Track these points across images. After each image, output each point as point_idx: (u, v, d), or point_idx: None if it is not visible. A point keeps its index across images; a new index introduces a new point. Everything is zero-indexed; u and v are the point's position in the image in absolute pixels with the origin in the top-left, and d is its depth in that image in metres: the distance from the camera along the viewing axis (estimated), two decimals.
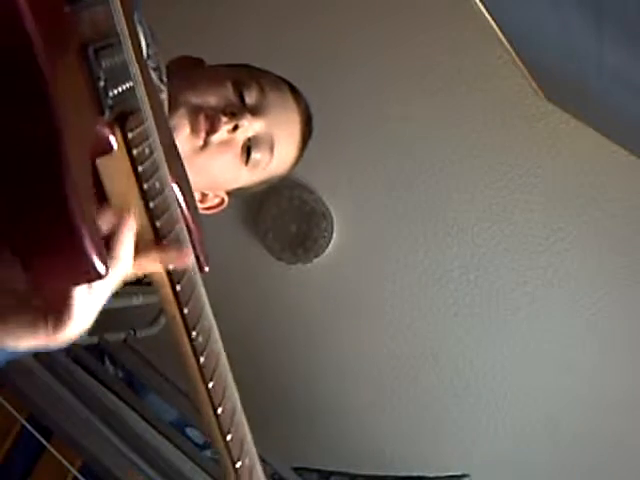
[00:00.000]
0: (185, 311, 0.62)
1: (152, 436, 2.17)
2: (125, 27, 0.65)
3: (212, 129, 1.10)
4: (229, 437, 0.63)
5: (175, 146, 0.79)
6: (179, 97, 1.10)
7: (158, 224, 0.61)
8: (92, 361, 2.41)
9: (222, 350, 0.68)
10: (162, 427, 2.23)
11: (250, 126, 1.13)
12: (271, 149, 1.16)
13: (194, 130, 1.09)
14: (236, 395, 0.67)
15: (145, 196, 0.61)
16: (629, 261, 2.38)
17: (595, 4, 1.11)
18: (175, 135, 1.07)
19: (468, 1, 1.80)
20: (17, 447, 2.30)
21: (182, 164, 0.79)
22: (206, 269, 0.73)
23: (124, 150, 0.61)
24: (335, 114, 2.53)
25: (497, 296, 2.52)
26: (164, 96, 1.05)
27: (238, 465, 0.64)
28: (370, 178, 2.58)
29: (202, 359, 0.62)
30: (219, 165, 1.13)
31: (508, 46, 2.01)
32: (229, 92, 1.14)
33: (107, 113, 0.59)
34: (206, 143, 1.10)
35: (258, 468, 0.68)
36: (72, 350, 2.41)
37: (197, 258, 0.70)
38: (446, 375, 2.61)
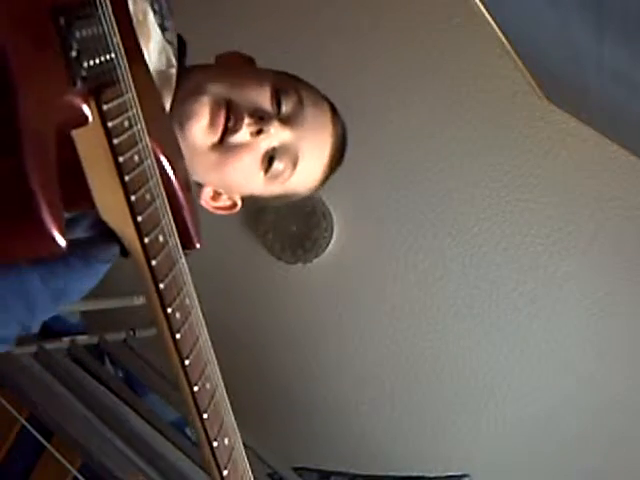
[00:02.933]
0: (161, 286, 0.61)
1: (152, 436, 2.17)
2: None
3: (233, 128, 1.05)
4: (205, 416, 0.62)
5: (170, 123, 0.77)
6: (207, 84, 1.06)
7: (133, 198, 0.60)
8: (92, 361, 2.41)
9: (203, 328, 0.67)
10: (162, 427, 2.23)
11: (276, 135, 1.08)
12: (294, 163, 1.11)
13: (212, 123, 1.05)
14: (218, 375, 0.66)
15: (120, 169, 0.60)
16: (629, 261, 2.38)
17: (595, 4, 1.11)
18: (189, 123, 1.03)
19: (468, 1, 1.80)
20: (17, 447, 2.30)
21: (177, 141, 0.77)
22: (197, 245, 0.71)
23: (99, 122, 0.60)
24: None
25: (497, 296, 2.52)
26: (173, 71, 1.02)
27: (215, 444, 0.63)
28: (370, 178, 2.58)
29: (178, 335, 0.61)
30: (234, 167, 1.08)
31: (508, 46, 2.01)
32: (265, 95, 1.09)
33: (79, 84, 0.58)
34: (222, 141, 1.06)
35: (239, 449, 0.66)
36: (72, 350, 2.41)
37: (185, 235, 0.69)
38: (446, 375, 2.61)
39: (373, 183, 2.59)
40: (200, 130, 1.05)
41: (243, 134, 1.06)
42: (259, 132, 1.06)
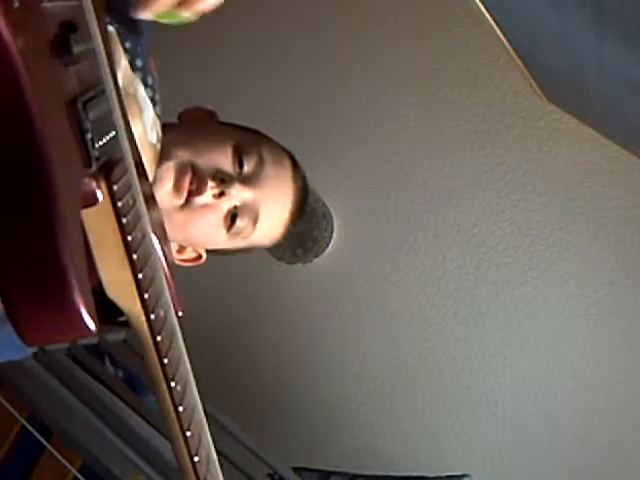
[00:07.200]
0: (165, 361, 0.63)
1: (152, 436, 2.17)
2: (110, 77, 0.65)
3: (197, 191, 1.09)
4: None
5: (152, 194, 0.79)
6: (172, 149, 1.09)
7: (140, 276, 0.62)
8: (92, 361, 2.41)
9: (196, 397, 0.69)
10: (162, 427, 2.23)
11: (238, 195, 1.12)
12: (254, 221, 1.16)
13: (176, 187, 1.08)
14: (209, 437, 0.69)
15: (129, 248, 0.61)
16: (629, 261, 2.38)
17: (595, 4, 1.11)
18: (156, 187, 1.06)
19: (468, 1, 1.80)
20: (17, 447, 2.30)
21: (158, 210, 0.79)
22: (180, 314, 0.73)
23: (109, 202, 0.61)
24: (335, 114, 2.53)
25: (497, 296, 2.52)
26: (159, 146, 1.04)
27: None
28: (370, 178, 2.59)
29: (181, 408, 0.64)
30: (198, 226, 1.13)
31: (508, 46, 2.01)
32: (227, 156, 1.13)
33: (94, 165, 0.59)
34: (187, 202, 1.09)
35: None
36: (72, 350, 2.41)
37: (173, 305, 0.71)
38: (446, 375, 2.61)
39: (373, 183, 2.59)
40: (165, 194, 1.09)
41: (206, 196, 1.10)
42: (221, 194, 1.11)
